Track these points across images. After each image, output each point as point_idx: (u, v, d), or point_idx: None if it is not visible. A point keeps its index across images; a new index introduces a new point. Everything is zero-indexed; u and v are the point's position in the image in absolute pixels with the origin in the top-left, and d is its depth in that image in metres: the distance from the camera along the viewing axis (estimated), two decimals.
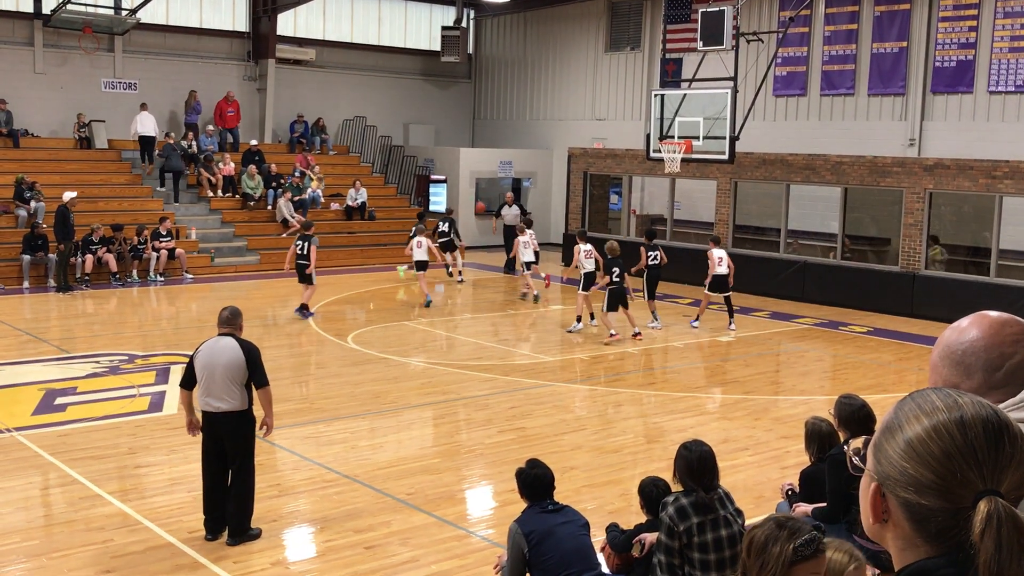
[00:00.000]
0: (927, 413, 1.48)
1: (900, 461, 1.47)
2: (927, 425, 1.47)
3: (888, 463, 1.49)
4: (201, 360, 7.26)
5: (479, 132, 30.43)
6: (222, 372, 7.17)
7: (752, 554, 3.10)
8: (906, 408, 1.52)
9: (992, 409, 1.48)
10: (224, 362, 7.18)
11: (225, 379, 7.17)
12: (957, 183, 17.70)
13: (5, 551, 7.05)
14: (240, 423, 7.28)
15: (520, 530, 5.41)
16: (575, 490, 8.25)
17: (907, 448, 1.47)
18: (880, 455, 1.51)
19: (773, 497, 7.94)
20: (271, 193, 23.22)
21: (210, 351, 7.28)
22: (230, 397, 7.20)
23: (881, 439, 1.53)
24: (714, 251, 16.30)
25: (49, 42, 23.02)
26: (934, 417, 1.47)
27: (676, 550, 5.07)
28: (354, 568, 6.87)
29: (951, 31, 19.42)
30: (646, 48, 25.35)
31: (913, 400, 1.53)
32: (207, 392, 7.22)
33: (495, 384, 12.49)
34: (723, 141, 17.62)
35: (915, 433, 1.47)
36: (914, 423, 1.48)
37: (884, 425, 1.54)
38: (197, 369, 7.27)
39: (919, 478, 1.45)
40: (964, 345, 1.95)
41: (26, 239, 19.04)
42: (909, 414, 1.50)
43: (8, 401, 11.16)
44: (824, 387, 13.05)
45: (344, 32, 27.96)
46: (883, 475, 1.50)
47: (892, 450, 1.49)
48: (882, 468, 1.50)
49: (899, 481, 1.47)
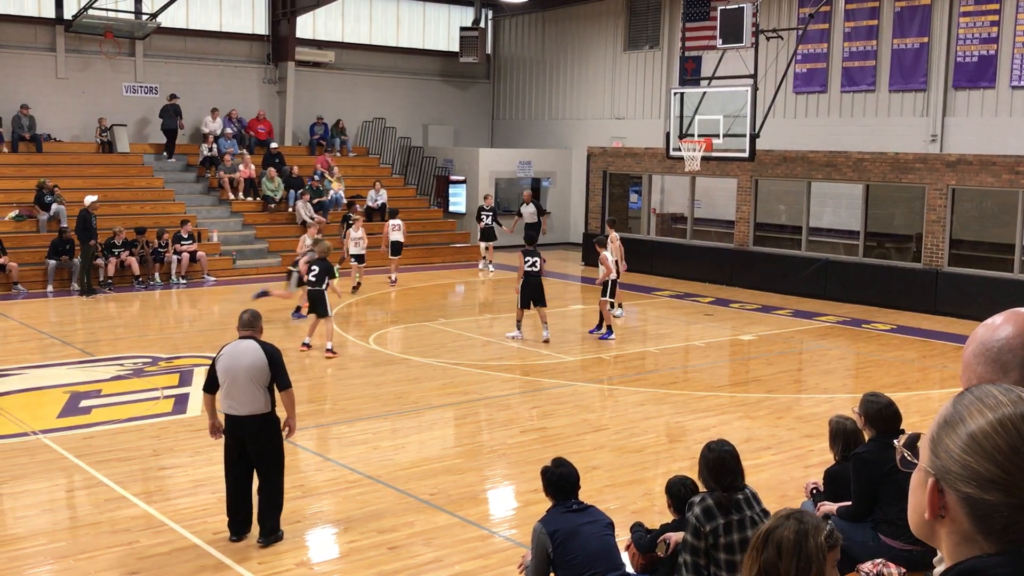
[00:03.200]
0: (990, 407, 1.45)
1: (962, 455, 1.44)
2: (992, 419, 1.44)
3: (948, 457, 1.46)
4: (224, 363, 7.28)
5: (498, 132, 30.47)
6: (245, 375, 7.20)
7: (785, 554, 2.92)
8: (966, 401, 1.49)
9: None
10: (247, 365, 7.21)
11: (248, 382, 7.20)
12: (980, 179, 17.59)
13: (32, 553, 7.13)
14: (264, 426, 7.31)
15: (545, 529, 5.41)
16: (598, 490, 8.24)
17: (970, 441, 1.44)
18: (939, 449, 1.48)
19: (797, 496, 7.92)
20: (291, 195, 23.36)
21: (232, 354, 7.31)
22: (253, 400, 7.22)
23: (940, 433, 1.49)
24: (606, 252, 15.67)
25: (71, 47, 23.23)
26: (999, 411, 1.44)
27: (702, 550, 5.06)
28: (378, 568, 6.90)
29: (972, 26, 19.28)
30: (665, 46, 25.30)
31: (972, 394, 1.50)
32: (230, 395, 7.24)
33: (516, 384, 12.53)
34: (743, 139, 17.64)
35: (979, 426, 1.44)
36: (977, 416, 1.45)
37: (943, 419, 1.50)
38: (220, 373, 7.29)
39: (983, 472, 1.42)
40: (1000, 342, 1.92)
41: (53, 244, 19.24)
42: (971, 407, 1.47)
43: (34, 404, 11.28)
44: (847, 385, 13.01)
45: (363, 34, 28.06)
46: (942, 469, 1.46)
47: (953, 444, 1.46)
48: (941, 462, 1.47)
49: (960, 475, 1.44)
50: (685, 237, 22.50)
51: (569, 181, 27.76)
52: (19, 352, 13.99)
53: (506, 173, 26.91)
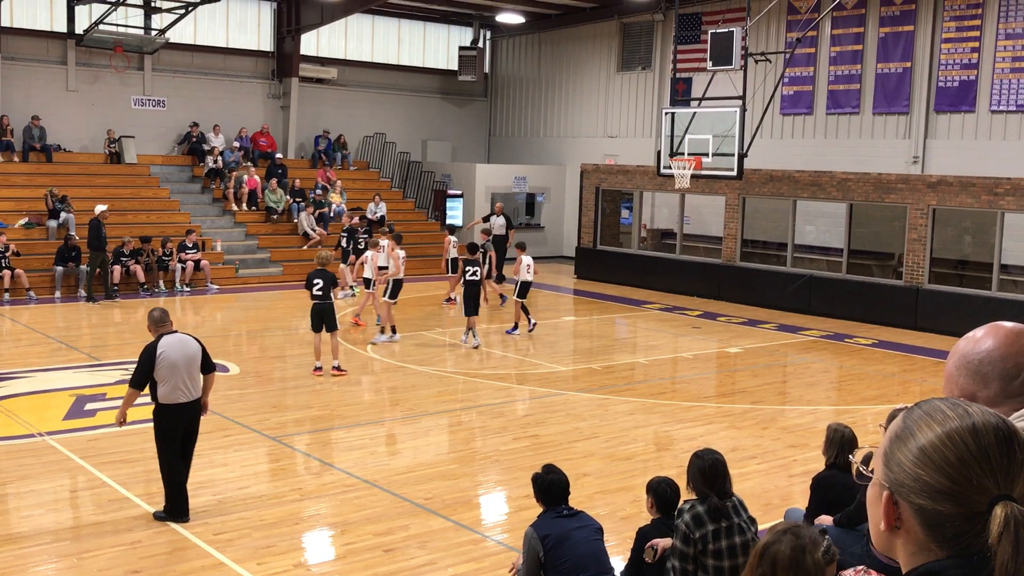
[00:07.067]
0: (938, 421, 1.47)
1: (914, 468, 1.46)
2: (940, 432, 1.46)
3: (901, 470, 1.48)
4: (171, 358, 7.79)
5: (495, 148, 31.00)
6: (192, 364, 7.90)
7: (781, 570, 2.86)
8: (915, 416, 1.51)
9: (999, 416, 1.48)
10: (192, 354, 7.92)
11: (194, 369, 7.93)
12: (960, 200, 17.91)
13: (37, 551, 7.23)
14: (199, 407, 8.06)
15: (536, 534, 5.44)
16: (588, 496, 8.36)
17: (920, 455, 1.46)
18: (891, 463, 1.50)
19: (781, 504, 8.10)
20: (294, 206, 23.87)
21: (178, 348, 7.87)
22: (198, 385, 7.99)
23: (892, 447, 1.51)
24: (523, 257, 16.70)
25: (81, 60, 23.68)
26: (946, 424, 1.46)
27: (691, 556, 5.07)
28: (373, 571, 7.00)
29: (954, 52, 19.83)
30: (657, 68, 25.85)
31: (920, 408, 1.52)
32: (178, 386, 7.82)
33: (509, 393, 12.71)
34: (732, 158, 17.83)
35: (928, 440, 1.46)
36: (926, 430, 1.47)
37: (893, 433, 1.52)
38: (166, 368, 7.76)
39: (934, 484, 1.44)
40: (980, 355, 1.94)
41: (60, 251, 19.60)
42: (920, 422, 1.49)
43: (40, 406, 11.33)
44: (830, 397, 13.22)
45: (365, 52, 28.61)
46: (896, 482, 1.48)
47: (904, 458, 1.48)
48: (894, 476, 1.49)
49: (913, 488, 1.46)
50: (674, 252, 22.84)
51: (563, 197, 28.21)
52: (27, 356, 14.12)
53: (502, 188, 27.34)
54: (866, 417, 11.72)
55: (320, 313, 13.08)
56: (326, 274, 13.10)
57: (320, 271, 13.11)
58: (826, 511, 6.22)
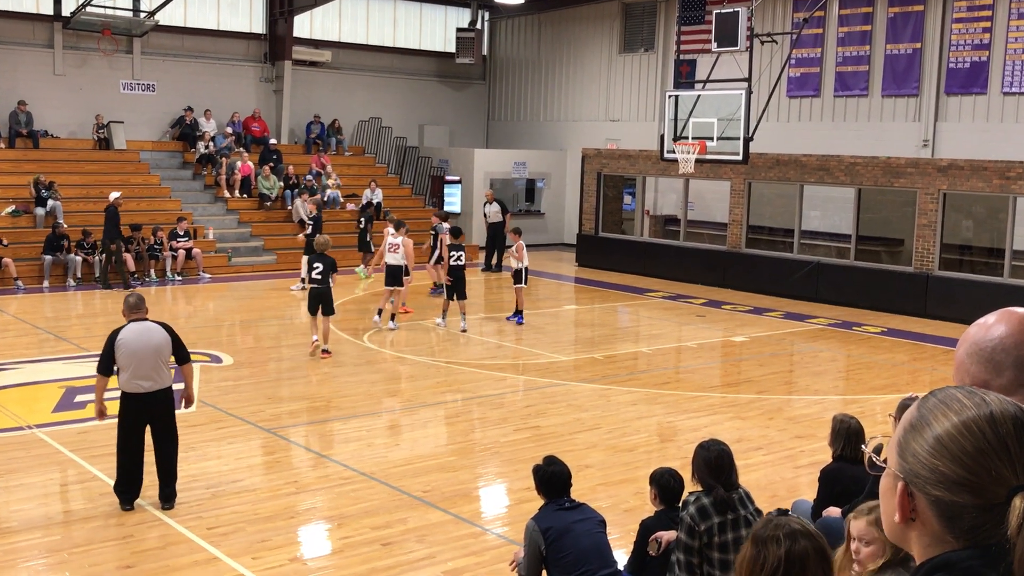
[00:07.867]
0: (955, 410, 1.46)
1: (930, 458, 1.44)
2: (956, 422, 1.44)
3: (916, 461, 1.46)
4: (129, 347, 7.64)
5: (493, 133, 30.58)
6: (154, 354, 7.70)
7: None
8: (930, 405, 1.49)
9: (1016, 405, 1.47)
10: (156, 344, 7.73)
11: (157, 360, 7.73)
12: (971, 184, 17.71)
13: (27, 546, 7.17)
14: (168, 398, 7.88)
15: (538, 527, 5.40)
16: (590, 488, 8.31)
17: (937, 445, 1.44)
18: (906, 453, 1.48)
19: (787, 496, 8.03)
20: (288, 193, 23.43)
21: (138, 336, 7.69)
22: (163, 375, 7.80)
23: (907, 437, 1.49)
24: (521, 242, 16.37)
25: (69, 44, 23.26)
26: (963, 413, 1.45)
27: (696, 549, 5.02)
28: (371, 565, 6.93)
29: (965, 32, 19.45)
30: (660, 49, 25.44)
31: (936, 397, 1.50)
32: (137, 375, 7.67)
33: (509, 383, 12.61)
34: (737, 142, 17.73)
35: (944, 429, 1.44)
36: (942, 420, 1.46)
37: (908, 423, 1.50)
38: (124, 356, 7.63)
39: (951, 475, 1.42)
40: (993, 342, 1.90)
41: (48, 239, 19.28)
42: (935, 410, 1.48)
43: (29, 398, 11.29)
44: (838, 387, 13.10)
45: (360, 34, 28.15)
46: (911, 473, 1.46)
47: (920, 448, 1.46)
48: (909, 466, 1.47)
49: (929, 479, 1.44)
50: (678, 239, 22.62)
51: (564, 182, 27.88)
52: (15, 347, 14.01)
53: (501, 174, 27.02)
54: (875, 407, 11.70)
55: (318, 296, 13.37)
56: (326, 258, 13.43)
57: (320, 255, 13.45)
58: (834, 503, 6.14)
